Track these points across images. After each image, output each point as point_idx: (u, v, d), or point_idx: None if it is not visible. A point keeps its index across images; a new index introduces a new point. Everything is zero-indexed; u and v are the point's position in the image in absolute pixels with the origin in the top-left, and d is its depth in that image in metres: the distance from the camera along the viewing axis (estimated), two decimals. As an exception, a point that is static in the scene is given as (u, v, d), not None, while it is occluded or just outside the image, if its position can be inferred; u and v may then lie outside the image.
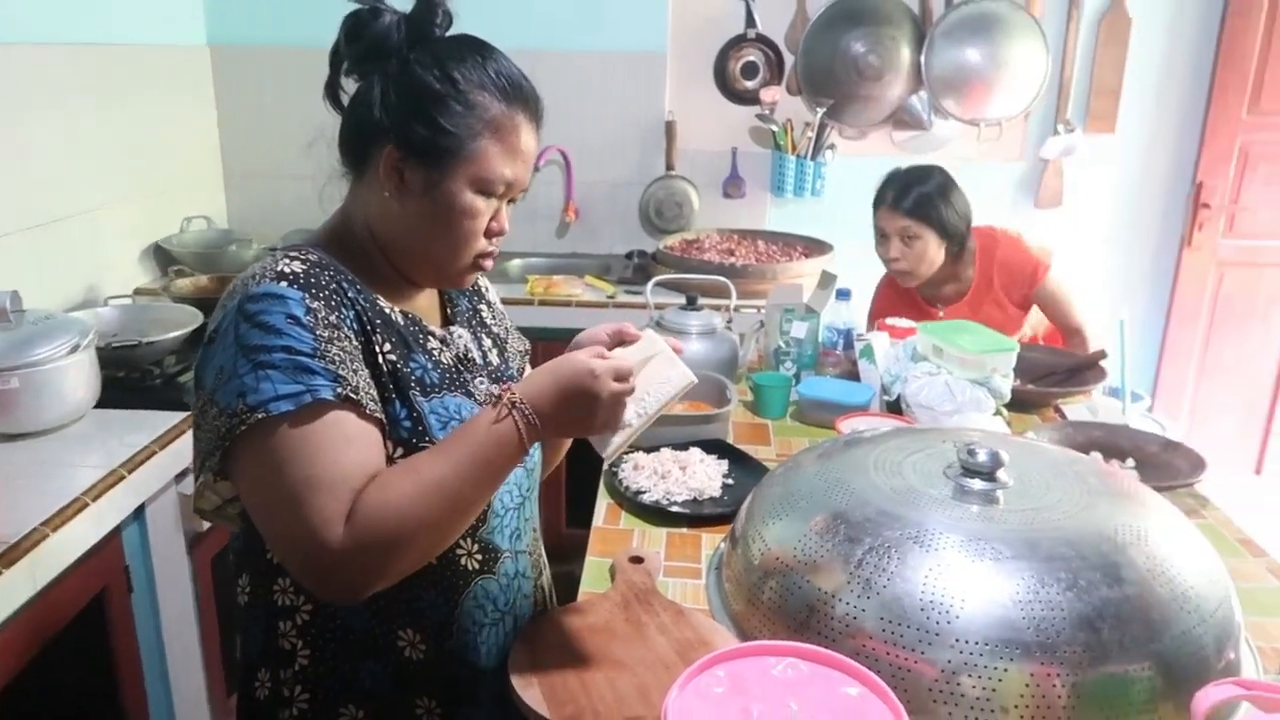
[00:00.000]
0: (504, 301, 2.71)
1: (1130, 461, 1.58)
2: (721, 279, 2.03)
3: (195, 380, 0.96)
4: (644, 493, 1.46)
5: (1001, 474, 1.13)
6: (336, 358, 0.91)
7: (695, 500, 1.44)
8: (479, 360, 1.12)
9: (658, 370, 1.04)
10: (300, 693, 1.03)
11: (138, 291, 2.67)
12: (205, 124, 3.19)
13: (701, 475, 1.49)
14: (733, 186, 3.24)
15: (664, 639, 1.10)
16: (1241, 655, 1.07)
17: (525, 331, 2.59)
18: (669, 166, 3.20)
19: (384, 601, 1.00)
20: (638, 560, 1.26)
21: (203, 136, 3.18)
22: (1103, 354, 1.98)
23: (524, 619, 1.13)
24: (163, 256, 2.87)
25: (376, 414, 0.94)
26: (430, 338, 1.06)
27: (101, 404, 1.82)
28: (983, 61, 2.93)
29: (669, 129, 3.16)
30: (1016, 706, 0.93)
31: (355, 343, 0.96)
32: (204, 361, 0.95)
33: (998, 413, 1.71)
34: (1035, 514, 1.07)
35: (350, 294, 0.98)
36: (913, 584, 0.99)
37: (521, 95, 1.01)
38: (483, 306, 1.22)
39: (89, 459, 1.66)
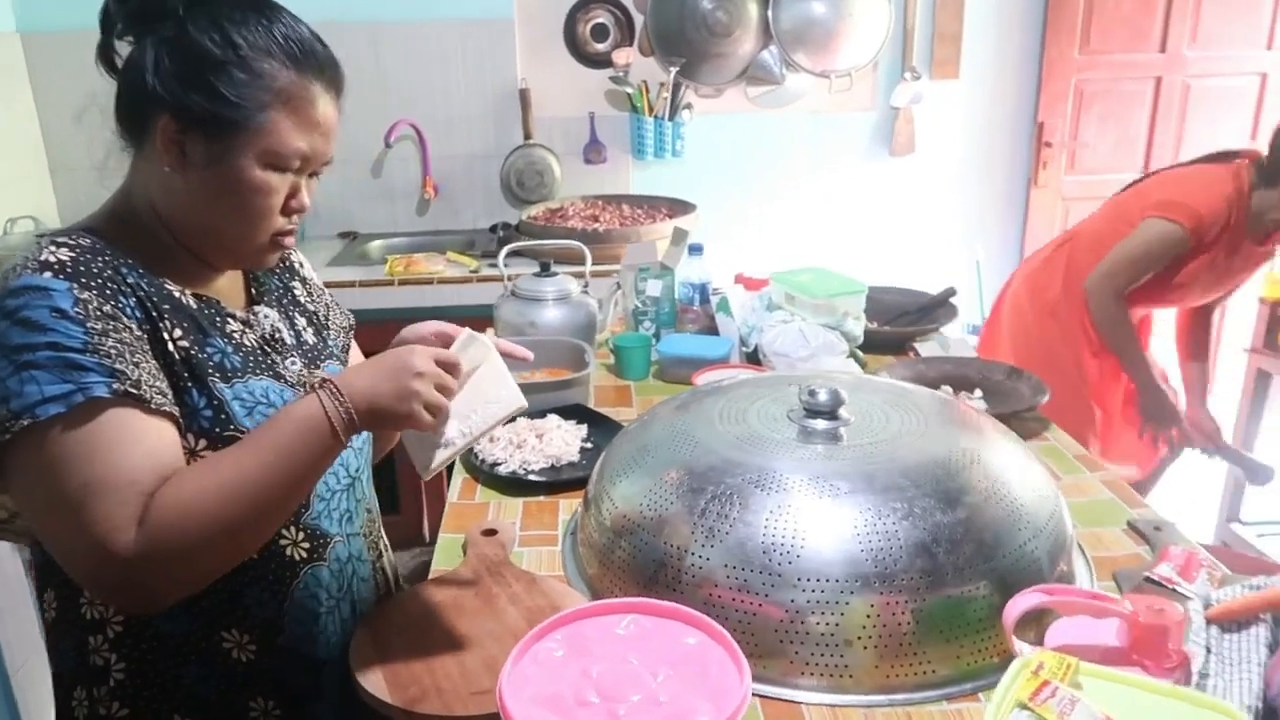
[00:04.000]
0: (363, 284, 2.65)
1: (978, 392, 1.62)
2: (577, 244, 2.00)
3: None
4: (500, 464, 1.42)
5: (843, 412, 1.14)
6: (113, 350, 0.84)
7: (553, 468, 1.42)
8: (290, 340, 1.06)
9: (487, 387, 0.97)
10: (119, 709, 0.96)
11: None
12: (23, 117, 2.97)
13: (559, 442, 1.46)
14: (593, 152, 3.20)
15: (515, 609, 1.07)
16: (1075, 566, 1.11)
17: (385, 314, 2.53)
18: (527, 136, 3.14)
19: (204, 602, 0.94)
20: (490, 533, 1.23)
21: (21, 131, 2.96)
22: (952, 291, 2.04)
23: (364, 604, 1.09)
24: (-16, 262, 2.67)
25: (165, 408, 0.86)
26: (230, 320, 0.99)
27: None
28: (828, 13, 2.96)
29: (523, 97, 3.09)
30: (860, 638, 0.94)
31: (138, 332, 0.88)
32: None
33: (852, 355, 1.73)
34: (874, 448, 1.08)
35: (130, 279, 0.89)
36: (754, 528, 0.99)
37: (315, 60, 0.93)
38: (296, 284, 1.15)
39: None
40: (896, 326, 1.99)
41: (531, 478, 1.39)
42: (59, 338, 0.82)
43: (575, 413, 1.58)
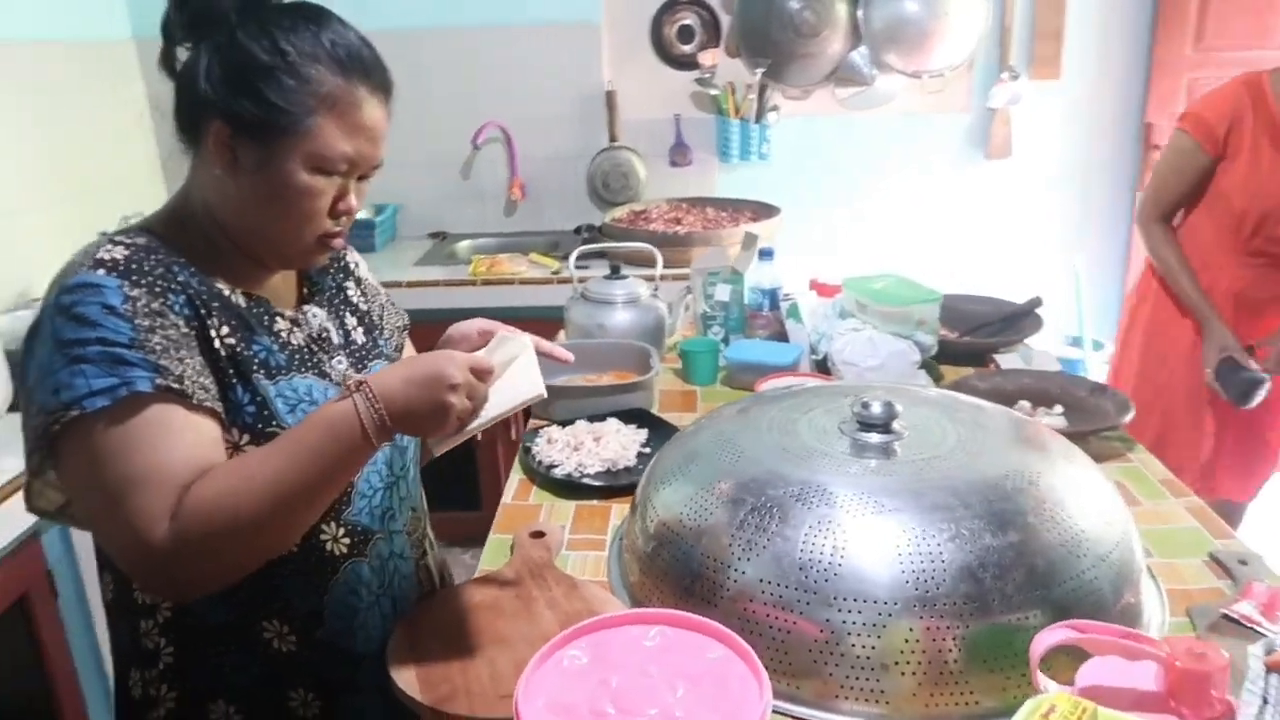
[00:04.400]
0: (446, 284, 2.70)
1: (1058, 407, 1.55)
2: (648, 247, 1.99)
3: (19, 379, 0.91)
4: (556, 466, 1.42)
5: (897, 426, 1.10)
6: (158, 347, 0.86)
7: (609, 471, 1.41)
8: (337, 340, 1.08)
9: (512, 376, 0.98)
10: (167, 691, 1.00)
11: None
12: (136, 119, 3.13)
13: (616, 445, 1.45)
14: (679, 154, 3.19)
15: (552, 613, 1.06)
16: (1145, 598, 1.04)
17: (467, 314, 2.56)
18: (612, 138, 3.15)
19: (245, 593, 0.96)
20: (538, 535, 1.23)
21: (136, 131, 3.12)
22: (1037, 302, 1.95)
23: (405, 601, 1.10)
24: (99, 257, 2.82)
25: (207, 403, 0.89)
26: (278, 319, 1.01)
27: (15, 408, 1.78)
28: (921, 11, 2.88)
29: (609, 99, 3.10)
30: (899, 663, 0.90)
31: (185, 329, 0.90)
32: (25, 358, 0.90)
33: (925, 366, 1.67)
34: (926, 464, 1.04)
35: (181, 278, 0.93)
36: (792, 543, 0.96)
37: (361, 66, 0.95)
38: (350, 284, 1.17)
39: (2, 463, 1.63)
40: (978, 337, 1.92)
41: (586, 481, 1.39)
42: (107, 333, 0.85)
43: (636, 417, 1.57)
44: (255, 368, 0.95)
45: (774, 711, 0.91)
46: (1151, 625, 1.03)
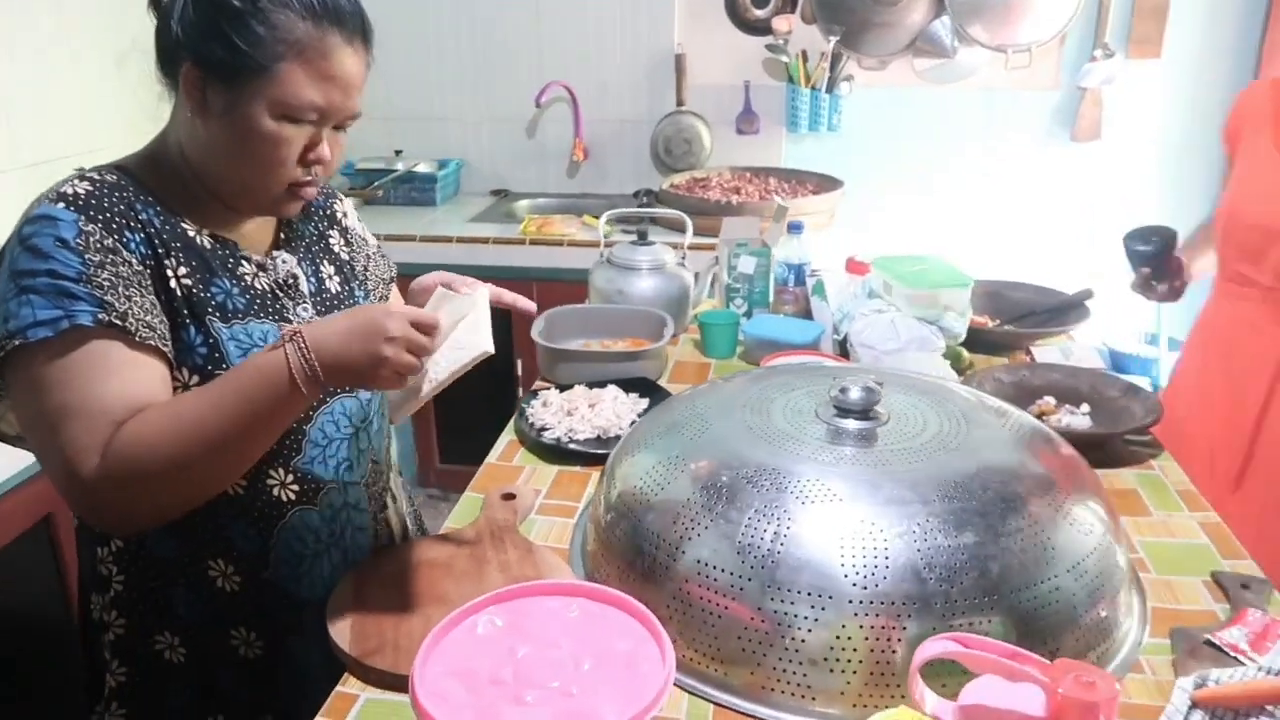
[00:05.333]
0: (496, 241, 2.70)
1: (1085, 407, 1.46)
2: (678, 214, 1.94)
3: None
4: (547, 429, 1.41)
5: (877, 412, 1.05)
6: (105, 283, 0.88)
7: (599, 439, 1.39)
8: (307, 288, 1.08)
9: (461, 335, 0.96)
10: (117, 618, 1.03)
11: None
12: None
13: (610, 413, 1.43)
14: (746, 122, 3.11)
15: (501, 576, 1.05)
16: (1122, 614, 0.97)
17: (513, 271, 2.56)
18: (679, 102, 3.09)
19: (191, 531, 0.98)
20: (509, 497, 1.22)
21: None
22: (1088, 294, 1.83)
23: (357, 552, 1.11)
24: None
25: (151, 341, 0.90)
26: (244, 263, 1.01)
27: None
28: (1010, -19, 2.72)
29: (678, 63, 3.04)
30: (831, 659, 0.86)
31: (138, 267, 0.91)
32: None
33: (950, 353, 1.59)
34: (893, 455, 0.98)
35: (143, 215, 0.94)
36: (734, 525, 0.92)
37: (335, 14, 0.93)
38: (333, 232, 1.17)
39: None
40: (1020, 327, 1.82)
41: (572, 446, 1.37)
42: (57, 265, 0.86)
43: (639, 386, 1.54)
44: (210, 310, 0.96)
45: (705, 699, 0.88)
46: (1125, 643, 0.96)
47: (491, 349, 0.94)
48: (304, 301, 1.06)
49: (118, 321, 0.87)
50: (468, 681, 0.77)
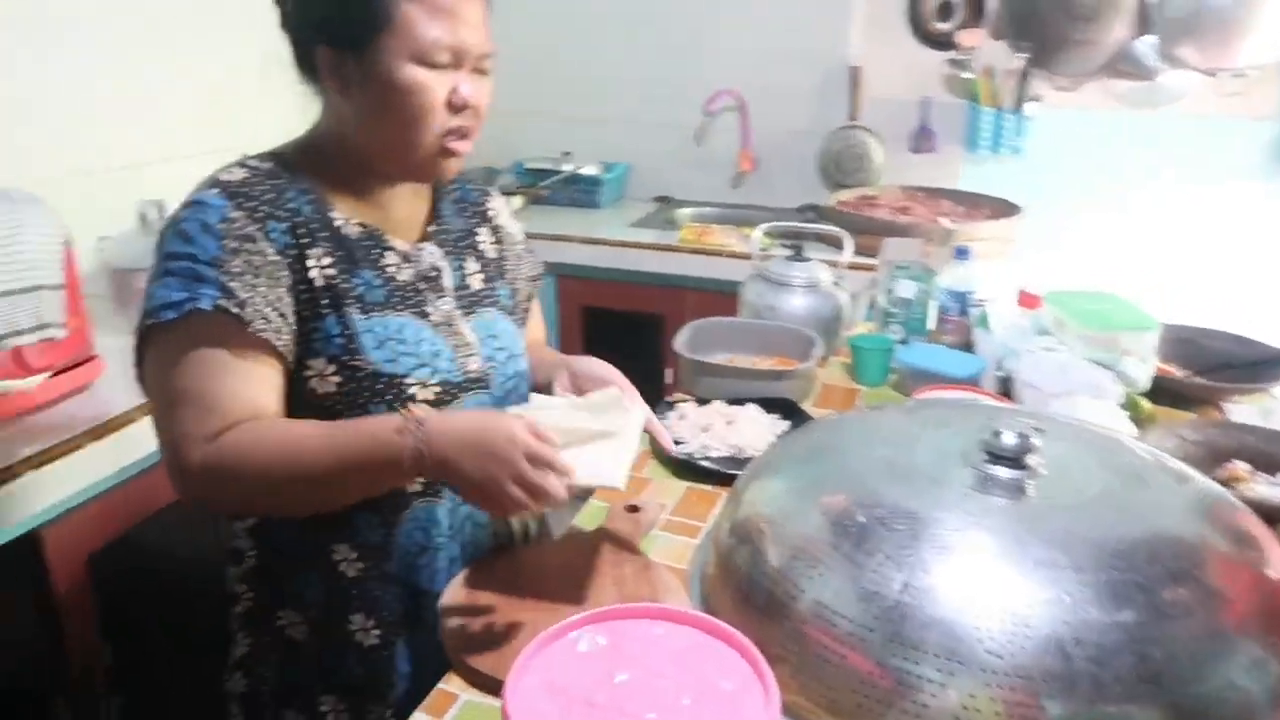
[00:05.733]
0: (653, 247, 2.69)
1: (1282, 476, 1.29)
2: (837, 231, 1.87)
3: None
4: (681, 443, 1.38)
5: (1031, 462, 0.96)
6: (235, 270, 0.91)
7: (732, 458, 1.34)
8: (449, 283, 1.08)
9: (601, 454, 0.95)
10: (246, 591, 1.07)
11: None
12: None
13: (748, 432, 1.38)
14: (922, 140, 2.98)
15: (615, 591, 1.03)
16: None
17: (667, 279, 2.54)
18: (852, 116, 2.99)
19: (319, 516, 1.00)
20: (633, 509, 1.19)
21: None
22: (1295, 348, 1.64)
23: (476, 548, 1.10)
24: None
25: (264, 334, 0.92)
26: (388, 253, 1.03)
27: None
28: None
29: (854, 75, 2.95)
30: (960, 730, 0.78)
31: (274, 256, 0.94)
32: None
33: (1128, 403, 1.45)
34: (1049, 513, 0.89)
35: (293, 204, 0.96)
36: (861, 569, 0.86)
37: None
38: (482, 230, 1.17)
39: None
40: (1213, 379, 1.64)
41: (704, 463, 1.33)
42: (197, 250, 0.91)
43: (781, 407, 1.48)
44: (350, 300, 0.98)
45: (810, 749, 0.83)
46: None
47: (623, 488, 0.94)
48: (445, 295, 1.07)
49: (235, 310, 0.90)
50: (561, 699, 0.75)
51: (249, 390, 0.91)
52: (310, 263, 0.96)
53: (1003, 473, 0.95)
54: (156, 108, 2.33)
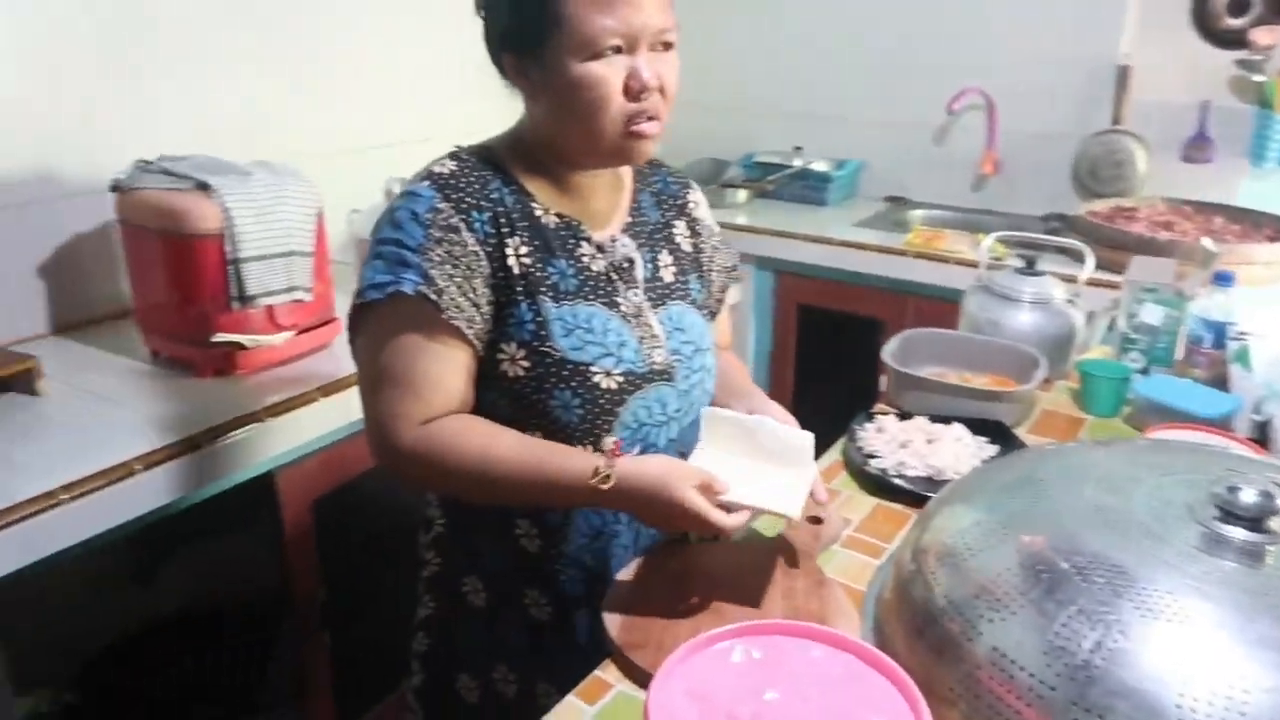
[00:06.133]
0: (877, 249, 2.60)
1: None
2: (1078, 244, 1.71)
3: None
4: (876, 457, 1.31)
5: (1275, 526, 0.83)
6: (436, 258, 0.95)
7: (928, 479, 1.27)
8: (641, 275, 1.09)
9: (779, 484, 1.01)
10: (434, 556, 1.14)
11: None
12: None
13: (948, 453, 1.30)
14: (1196, 149, 2.68)
15: (783, 603, 1.00)
16: None
17: (890, 282, 2.47)
18: (1115, 120, 2.73)
19: None
20: (815, 521, 1.15)
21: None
22: None
23: (652, 536, 1.11)
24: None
25: (457, 322, 0.96)
26: (584, 243, 1.05)
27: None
28: None
29: (1121, 74, 2.69)
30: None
31: (474, 247, 0.98)
32: None
33: None
34: (1286, 585, 0.77)
35: (495, 195, 1.00)
36: (1049, 619, 0.78)
37: None
38: (679, 222, 1.17)
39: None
40: None
41: (897, 481, 1.26)
42: (405, 236, 0.96)
43: (991, 430, 1.38)
44: (544, 289, 1.00)
45: (971, 804, 0.76)
46: None
47: (798, 515, 0.98)
48: (635, 286, 1.08)
49: (433, 296, 0.95)
50: (704, 706, 0.73)
51: (446, 375, 0.97)
52: (509, 251, 1.00)
53: (1237, 534, 0.83)
54: (415, 91, 2.52)
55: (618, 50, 0.94)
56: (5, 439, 1.41)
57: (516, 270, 1.00)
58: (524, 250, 1.00)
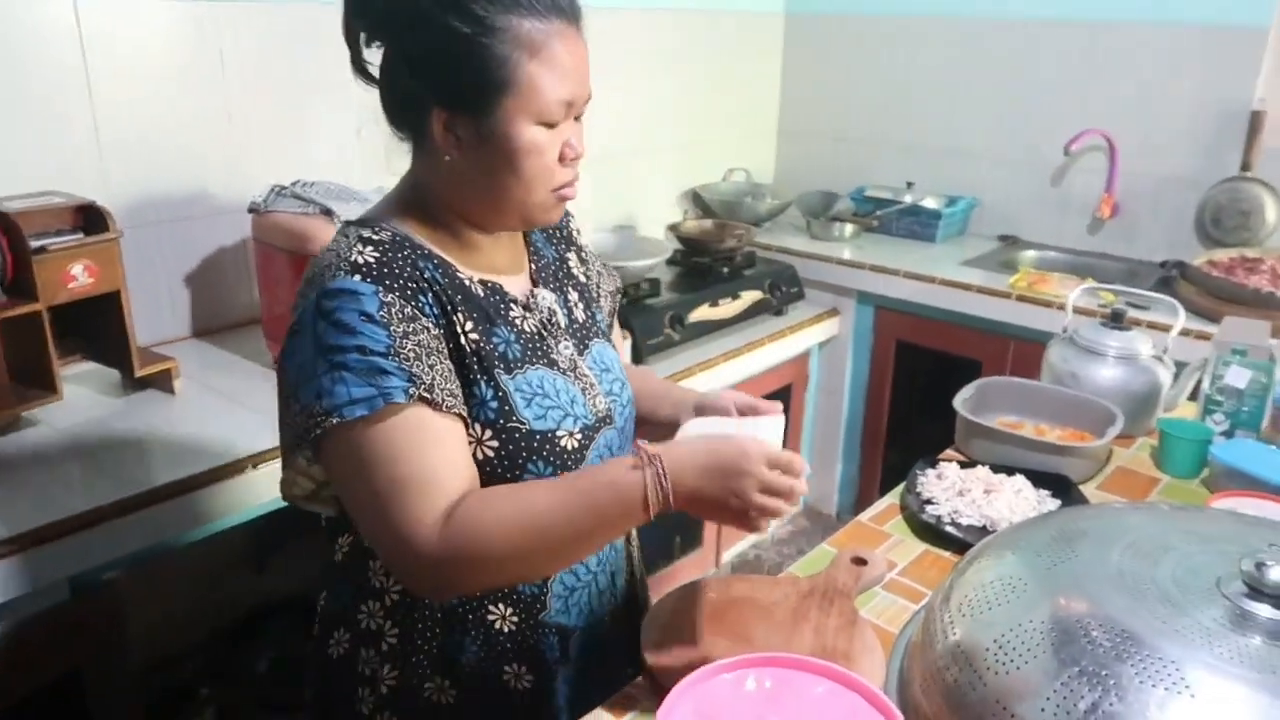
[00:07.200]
0: (980, 289, 2.58)
1: None
2: (1168, 300, 1.68)
3: (279, 369, 0.96)
4: (932, 504, 1.34)
5: (1301, 605, 0.83)
6: (411, 354, 0.89)
7: (983, 529, 1.28)
8: (563, 322, 1.08)
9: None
10: (389, 671, 1.04)
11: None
12: (768, 86, 3.48)
13: (1005, 505, 1.31)
14: (1333, 199, 2.55)
15: (812, 638, 1.04)
16: None
17: (991, 325, 2.45)
18: (1244, 166, 2.63)
19: None
20: (859, 561, 1.19)
21: (763, 97, 3.48)
22: None
23: (618, 574, 1.13)
24: (698, 200, 3.26)
25: (455, 409, 0.92)
26: (512, 306, 1.03)
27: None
28: None
29: (1254, 120, 2.59)
30: None
31: (435, 330, 0.93)
32: (287, 353, 0.94)
33: None
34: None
35: (428, 274, 0.95)
36: (1047, 676, 0.80)
37: (552, 2, 0.92)
38: (570, 254, 1.16)
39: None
40: None
41: (948, 529, 1.28)
42: (366, 341, 0.88)
43: (1054, 484, 1.38)
44: (495, 362, 0.97)
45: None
46: None
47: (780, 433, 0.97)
48: (565, 338, 1.07)
49: (426, 395, 0.89)
50: (706, 729, 0.79)
51: (455, 457, 0.91)
52: (458, 330, 0.96)
53: (1263, 611, 0.84)
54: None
55: (561, 120, 0.95)
56: (143, 431, 1.59)
57: (469, 349, 0.96)
58: (469, 326, 0.96)
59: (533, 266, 1.10)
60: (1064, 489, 1.37)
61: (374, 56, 0.99)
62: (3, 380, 1.52)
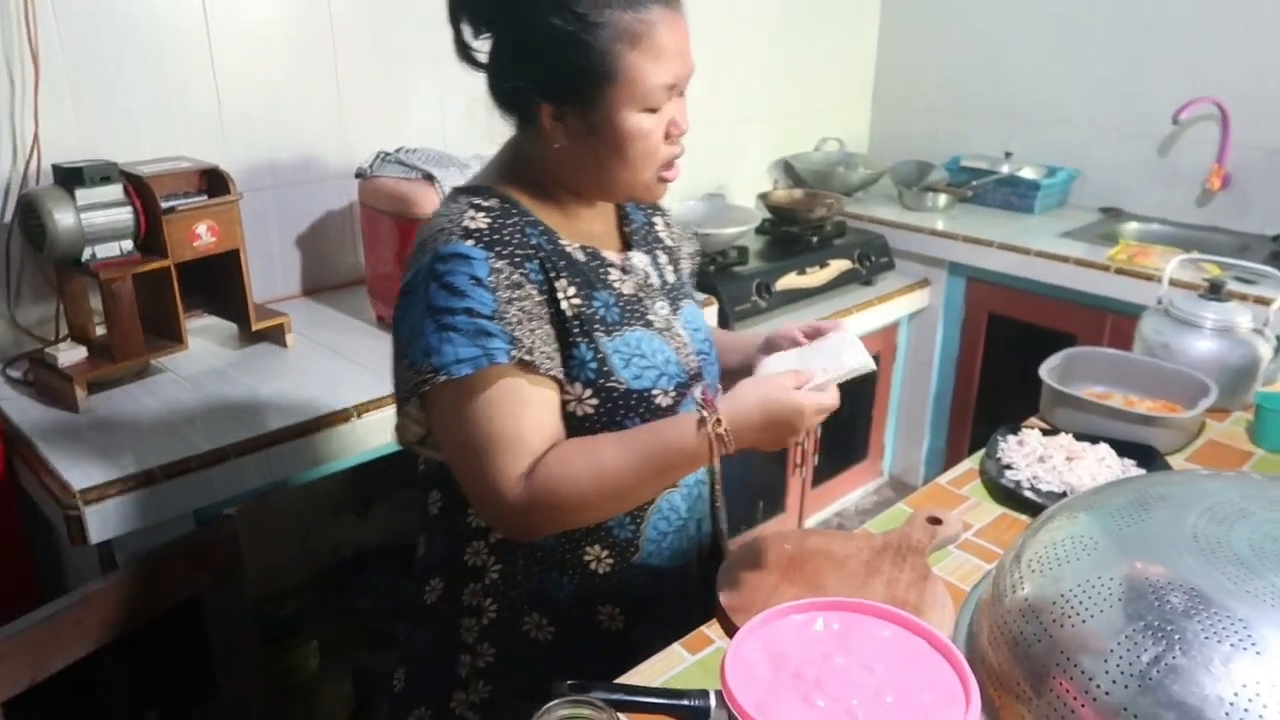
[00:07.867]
0: (1077, 262, 2.54)
1: None
2: (1267, 269, 1.63)
3: (393, 328, 1.03)
4: (1011, 469, 1.35)
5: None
6: (515, 318, 0.95)
7: (1061, 495, 1.29)
8: (656, 283, 1.13)
9: (831, 350, 1.03)
10: (490, 604, 1.11)
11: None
12: (863, 56, 3.44)
13: (1086, 473, 1.31)
14: None
15: (883, 590, 1.08)
16: None
17: (1089, 298, 2.43)
18: (1368, 135, 2.51)
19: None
20: (934, 521, 1.21)
21: (858, 67, 3.44)
22: None
23: (705, 521, 1.18)
24: (789, 170, 3.26)
25: (552, 372, 0.98)
26: (611, 269, 1.07)
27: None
28: None
29: (1381, 87, 2.46)
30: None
31: (538, 296, 0.98)
32: (399, 313, 1.01)
33: None
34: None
35: (534, 240, 1.00)
36: (1114, 629, 0.82)
37: None
38: (658, 219, 1.21)
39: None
40: None
41: (1028, 494, 1.29)
42: (474, 304, 0.94)
43: (1140, 454, 1.37)
44: (596, 325, 1.02)
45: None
46: None
47: (874, 366, 1.00)
48: (660, 298, 1.12)
49: (527, 357, 0.95)
50: (775, 663, 0.84)
51: (545, 418, 0.98)
52: (559, 295, 1.00)
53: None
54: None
55: (665, 102, 0.99)
56: (259, 380, 1.71)
57: (570, 313, 1.01)
58: (571, 290, 1.01)
59: (626, 231, 1.16)
60: (1149, 459, 1.36)
61: (479, 41, 1.04)
62: (138, 330, 1.65)
